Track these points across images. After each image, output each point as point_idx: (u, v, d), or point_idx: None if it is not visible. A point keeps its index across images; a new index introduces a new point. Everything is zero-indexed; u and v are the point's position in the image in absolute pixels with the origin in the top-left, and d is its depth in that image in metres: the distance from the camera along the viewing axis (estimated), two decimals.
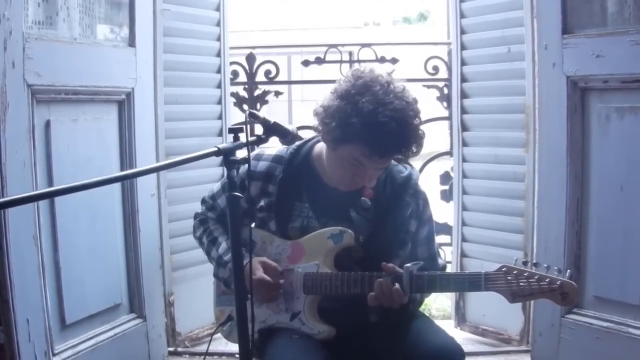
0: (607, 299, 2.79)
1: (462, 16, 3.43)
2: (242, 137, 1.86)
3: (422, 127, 2.19)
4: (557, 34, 2.84)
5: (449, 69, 3.71)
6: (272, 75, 3.83)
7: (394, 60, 3.75)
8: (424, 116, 2.19)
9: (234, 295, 1.88)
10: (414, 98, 2.17)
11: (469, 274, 2.18)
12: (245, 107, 3.79)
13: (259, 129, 1.98)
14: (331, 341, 2.22)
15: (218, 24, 3.47)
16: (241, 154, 1.85)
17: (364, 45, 3.87)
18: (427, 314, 3.07)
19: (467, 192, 3.50)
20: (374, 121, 2.07)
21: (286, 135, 2.00)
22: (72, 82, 2.60)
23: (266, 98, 3.83)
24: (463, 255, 3.52)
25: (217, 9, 3.46)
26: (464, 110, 3.47)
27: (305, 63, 3.90)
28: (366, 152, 2.11)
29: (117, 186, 2.90)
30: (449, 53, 3.69)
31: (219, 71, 3.49)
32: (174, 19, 3.25)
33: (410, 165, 2.40)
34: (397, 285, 2.11)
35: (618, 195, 2.72)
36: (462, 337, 3.42)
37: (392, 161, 2.35)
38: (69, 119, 2.63)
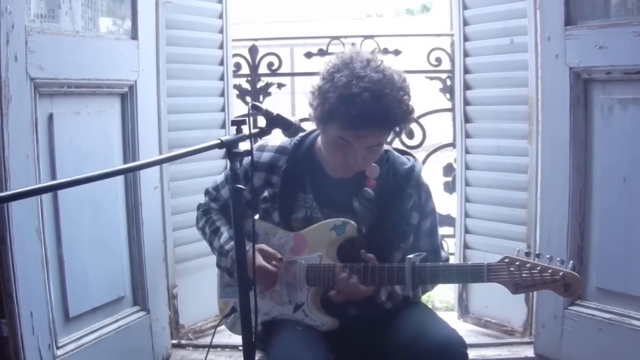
0: (610, 290, 2.79)
1: (465, 7, 3.42)
2: (245, 130, 1.86)
3: (409, 102, 2.16)
4: (560, 25, 2.83)
5: (452, 60, 3.69)
6: (275, 67, 3.82)
7: (396, 52, 3.74)
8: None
9: (237, 286, 1.89)
10: (398, 72, 2.17)
11: (472, 265, 2.18)
12: (248, 99, 3.78)
13: (261, 121, 1.98)
14: (334, 332, 2.22)
15: (220, 16, 3.46)
16: (244, 146, 1.85)
17: (366, 37, 3.85)
18: (430, 306, 3.07)
19: (470, 183, 3.50)
20: (348, 93, 2.08)
21: (289, 127, 2.00)
22: (74, 75, 2.60)
23: (269, 90, 3.82)
24: (466, 247, 3.52)
25: (220, 1, 3.45)
26: (466, 102, 3.47)
27: (308, 55, 3.88)
28: (344, 126, 2.10)
29: (120, 179, 2.91)
30: (452, 44, 3.67)
31: (221, 63, 3.49)
32: (176, 11, 3.25)
33: (413, 157, 2.40)
34: (354, 277, 2.14)
35: (621, 187, 2.72)
36: (465, 329, 3.43)
37: (395, 152, 2.35)
38: (71, 112, 2.63)
